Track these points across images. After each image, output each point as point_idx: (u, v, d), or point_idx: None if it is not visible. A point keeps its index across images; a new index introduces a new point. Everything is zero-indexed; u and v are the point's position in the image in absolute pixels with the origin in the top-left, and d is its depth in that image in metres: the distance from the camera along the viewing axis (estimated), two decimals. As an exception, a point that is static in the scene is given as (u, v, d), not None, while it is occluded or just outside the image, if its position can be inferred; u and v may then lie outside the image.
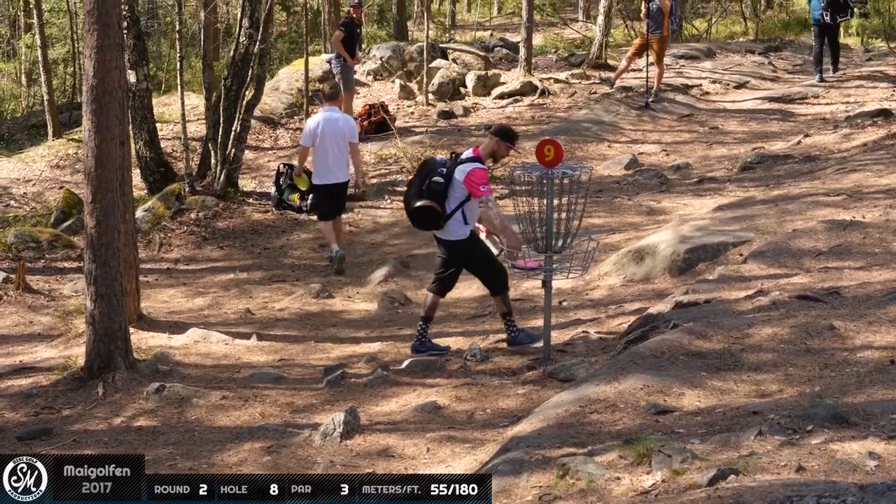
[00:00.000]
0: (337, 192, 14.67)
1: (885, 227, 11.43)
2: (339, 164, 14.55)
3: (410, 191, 10.33)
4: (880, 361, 7.71)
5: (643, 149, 18.93)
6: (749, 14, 34.56)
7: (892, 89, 21.72)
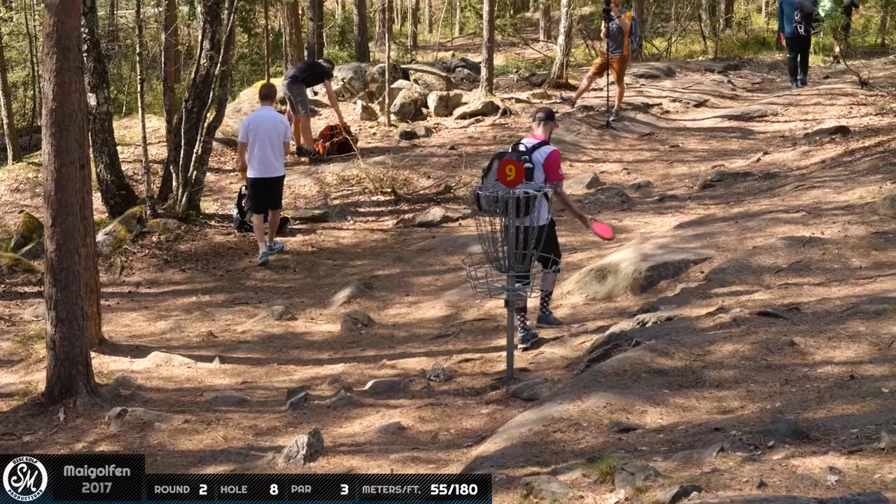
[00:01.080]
0: (267, 185, 15.39)
1: (843, 244, 11.52)
2: (270, 159, 15.35)
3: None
4: (840, 377, 7.76)
5: (605, 168, 19.00)
6: (708, 33, 34.75)
7: (850, 106, 21.88)
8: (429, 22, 46.97)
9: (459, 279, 13.40)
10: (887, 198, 12.53)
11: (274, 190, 15.64)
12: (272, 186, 15.54)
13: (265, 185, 15.44)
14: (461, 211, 16.87)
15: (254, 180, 15.48)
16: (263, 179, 15.41)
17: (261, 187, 15.45)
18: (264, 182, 15.42)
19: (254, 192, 15.60)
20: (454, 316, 12.58)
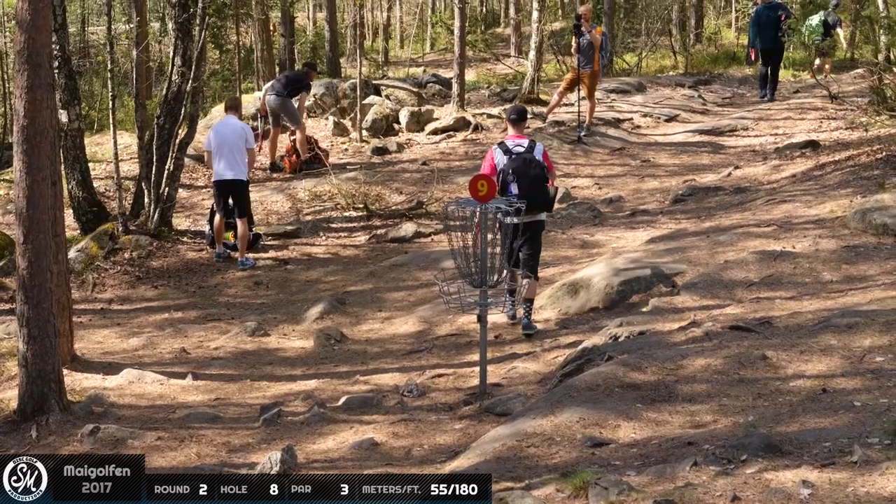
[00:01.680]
0: (229, 188, 16.02)
1: (814, 257, 11.58)
2: (231, 164, 15.86)
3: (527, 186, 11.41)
4: (812, 390, 7.79)
5: (576, 182, 19.03)
6: (678, 48, 34.90)
7: (820, 121, 21.99)
8: (400, 38, 47.01)
9: (432, 294, 13.41)
10: (857, 212, 12.60)
11: (237, 194, 16.06)
12: (234, 190, 16.01)
13: (227, 188, 15.97)
14: (433, 226, 16.88)
15: (217, 182, 16.15)
16: (225, 181, 15.98)
17: (224, 189, 16.04)
18: (226, 184, 15.94)
19: (217, 194, 16.23)
20: (427, 331, 12.58)
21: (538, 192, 11.45)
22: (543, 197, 11.54)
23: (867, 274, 11.02)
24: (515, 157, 11.57)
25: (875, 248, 11.73)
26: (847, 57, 32.01)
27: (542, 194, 11.52)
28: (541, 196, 11.47)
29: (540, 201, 11.48)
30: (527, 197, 11.04)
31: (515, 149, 11.67)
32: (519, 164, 11.54)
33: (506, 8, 47.75)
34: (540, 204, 11.53)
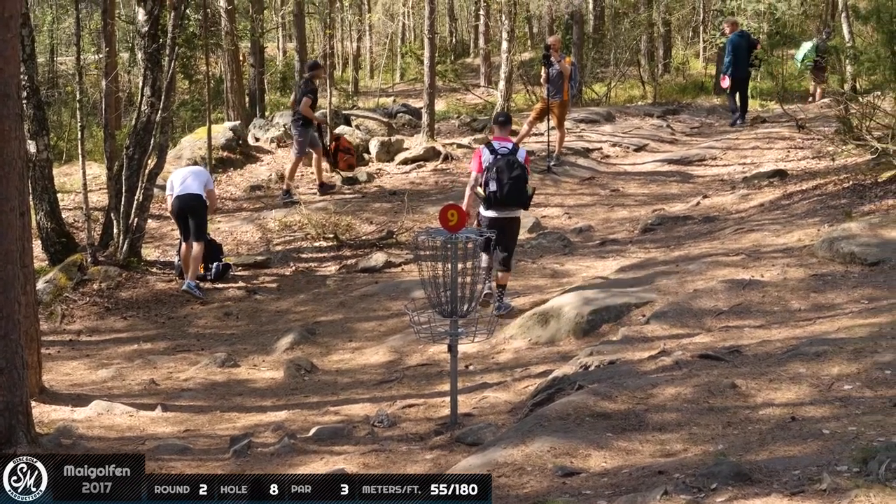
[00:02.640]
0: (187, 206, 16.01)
1: (783, 286, 11.64)
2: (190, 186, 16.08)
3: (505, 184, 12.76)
4: (781, 418, 7.82)
5: (546, 212, 19.07)
6: (647, 78, 35.08)
7: (787, 150, 22.12)
8: (370, 68, 47.09)
9: (402, 324, 13.40)
10: (825, 240, 12.67)
11: (195, 212, 16.03)
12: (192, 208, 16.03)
13: (186, 204, 16.02)
14: (404, 256, 16.88)
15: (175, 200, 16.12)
16: (182, 197, 16.00)
17: (181, 208, 16.06)
18: (184, 200, 16.00)
19: (175, 216, 16.34)
20: (397, 361, 12.57)
21: (517, 190, 12.74)
22: (522, 196, 12.80)
23: (835, 302, 11.08)
24: (500, 157, 12.82)
25: (843, 277, 11.79)
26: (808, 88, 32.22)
27: (521, 193, 12.78)
28: (519, 195, 12.77)
29: (518, 200, 12.81)
30: (507, 194, 12.68)
31: (501, 149, 12.92)
32: (502, 164, 12.76)
33: (475, 38, 47.93)
34: (518, 202, 12.85)
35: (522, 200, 12.95)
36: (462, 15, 53.75)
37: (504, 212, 12.86)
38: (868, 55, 16.90)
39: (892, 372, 8.37)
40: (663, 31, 38.87)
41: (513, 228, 13.19)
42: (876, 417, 7.46)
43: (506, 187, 12.73)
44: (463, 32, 54.08)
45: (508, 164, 12.78)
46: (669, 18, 39.32)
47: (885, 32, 16.01)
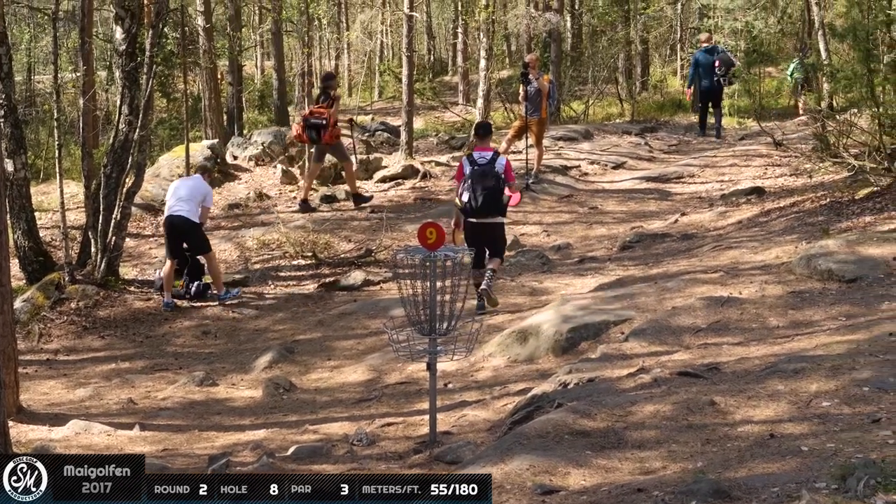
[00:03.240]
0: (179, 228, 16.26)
1: (761, 303, 11.66)
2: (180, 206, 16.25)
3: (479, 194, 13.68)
4: (760, 435, 7.82)
5: (525, 230, 19.09)
6: (625, 96, 35.19)
7: (765, 167, 22.20)
8: (348, 86, 47.07)
9: (381, 343, 13.39)
10: (803, 257, 12.71)
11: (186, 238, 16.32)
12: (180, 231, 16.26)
13: (171, 227, 16.35)
14: (382, 274, 16.88)
15: (166, 219, 16.51)
16: (170, 217, 16.30)
17: (173, 228, 16.32)
18: (176, 221, 16.23)
19: (166, 234, 16.63)
20: (376, 380, 12.56)
21: (491, 199, 13.65)
22: (496, 205, 13.70)
23: (813, 319, 11.11)
24: (476, 168, 13.71)
25: (820, 294, 11.82)
26: (791, 104, 32.37)
27: (495, 202, 13.68)
28: (494, 203, 13.68)
29: (493, 208, 13.71)
30: (480, 204, 13.61)
31: (480, 160, 13.82)
32: (476, 175, 13.69)
33: (453, 56, 48.04)
34: (493, 210, 13.76)
35: (497, 209, 13.78)
36: (440, 33, 53.87)
37: (482, 218, 13.78)
38: (845, 73, 16.97)
39: (871, 389, 8.39)
40: (641, 49, 39.00)
41: (494, 233, 14.00)
42: (854, 434, 7.48)
43: (479, 198, 13.64)
44: (441, 50, 54.18)
45: (482, 175, 13.66)
46: (647, 36, 39.46)
47: (862, 50, 16.08)
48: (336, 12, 45.40)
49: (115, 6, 16.96)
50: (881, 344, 9.57)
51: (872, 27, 16.28)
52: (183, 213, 16.06)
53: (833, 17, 31.24)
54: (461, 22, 36.30)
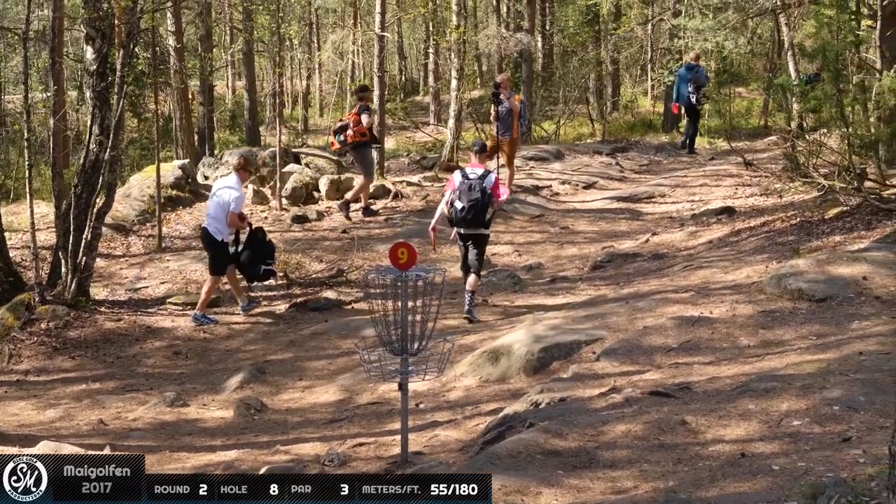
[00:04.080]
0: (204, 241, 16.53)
1: (732, 323, 11.70)
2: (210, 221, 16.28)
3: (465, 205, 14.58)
4: (731, 455, 7.85)
5: (496, 249, 19.11)
6: (596, 116, 35.31)
7: (735, 187, 22.28)
8: (319, 106, 47.10)
9: (353, 363, 13.37)
10: (773, 277, 12.76)
11: (207, 249, 16.56)
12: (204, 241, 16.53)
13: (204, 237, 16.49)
14: (354, 294, 16.86)
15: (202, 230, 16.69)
16: (203, 228, 16.47)
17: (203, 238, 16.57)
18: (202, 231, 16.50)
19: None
20: (348, 400, 12.53)
21: (476, 212, 14.52)
22: (479, 216, 14.56)
23: (784, 339, 11.15)
24: (466, 182, 14.58)
25: (791, 313, 11.87)
26: (761, 124, 32.53)
27: (479, 214, 14.54)
28: (478, 216, 14.55)
29: (475, 219, 14.57)
30: (464, 214, 14.53)
31: (471, 175, 14.65)
32: (465, 187, 14.55)
33: (425, 76, 48.14)
34: (475, 222, 14.60)
35: (480, 220, 14.62)
36: (412, 53, 53.98)
37: (467, 229, 14.74)
38: (814, 93, 17.06)
39: (841, 408, 8.43)
40: (611, 70, 39.18)
41: (478, 243, 14.86)
42: (825, 453, 7.51)
43: (464, 209, 14.54)
44: (412, 71, 54.28)
45: (470, 188, 14.54)
46: (618, 57, 39.64)
47: (831, 70, 16.19)
48: (307, 32, 45.47)
49: (86, 26, 16.92)
50: (851, 363, 9.62)
51: (842, 48, 16.39)
52: (208, 227, 16.28)
53: (802, 37, 31.37)
54: (432, 42, 36.46)
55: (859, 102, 16.62)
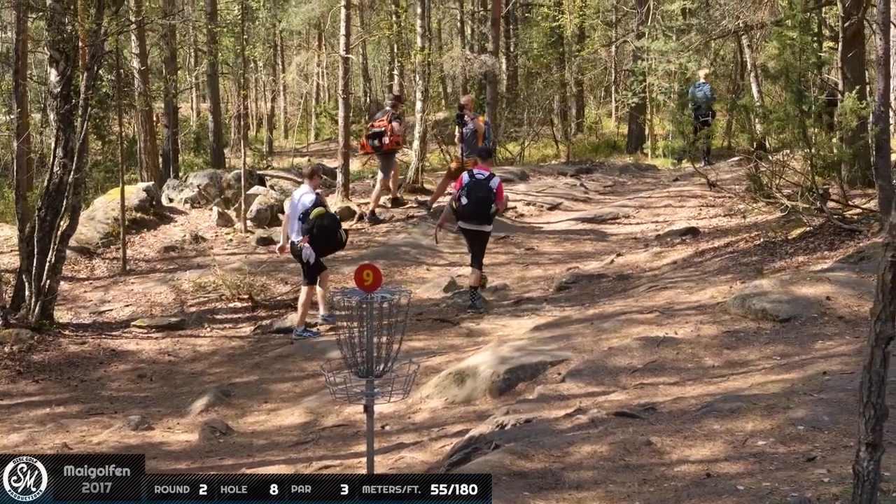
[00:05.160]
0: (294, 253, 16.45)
1: (696, 343, 11.74)
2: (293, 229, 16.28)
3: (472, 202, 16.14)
4: (696, 475, 7.87)
5: (461, 271, 19.09)
6: (560, 137, 35.41)
7: (699, 208, 22.38)
8: (284, 128, 47.09)
9: (318, 385, 13.35)
10: (737, 297, 12.81)
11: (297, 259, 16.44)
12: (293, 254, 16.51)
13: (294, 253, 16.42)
14: (319, 317, 16.83)
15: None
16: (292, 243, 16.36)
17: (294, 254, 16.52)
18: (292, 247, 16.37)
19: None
20: (313, 422, 12.51)
21: (481, 209, 16.08)
22: (484, 212, 16.11)
23: (748, 359, 11.19)
24: (473, 181, 16.14)
25: (755, 333, 11.92)
26: (724, 145, 32.70)
27: (484, 211, 16.10)
28: (483, 212, 16.11)
29: (482, 216, 16.15)
30: (472, 210, 16.08)
31: (478, 175, 16.23)
32: (472, 186, 16.11)
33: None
34: (482, 218, 16.18)
35: (484, 215, 16.17)
36: (376, 75, 53.97)
37: (471, 224, 16.29)
38: (777, 114, 17.15)
39: (805, 427, 8.47)
40: (576, 91, 39.33)
41: (479, 238, 16.46)
42: (790, 473, 7.54)
43: (471, 204, 16.04)
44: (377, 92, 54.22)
45: (476, 186, 16.09)
46: (582, 78, 39.80)
47: (794, 91, 16.29)
48: (272, 54, 45.47)
49: (50, 48, 16.89)
50: (815, 383, 9.66)
51: (804, 69, 16.49)
52: (291, 237, 16.31)
53: (765, 59, 31.60)
54: (397, 64, 36.38)
55: (822, 123, 16.73)
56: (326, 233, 15.85)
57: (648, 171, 29.17)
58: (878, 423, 5.91)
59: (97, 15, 16.69)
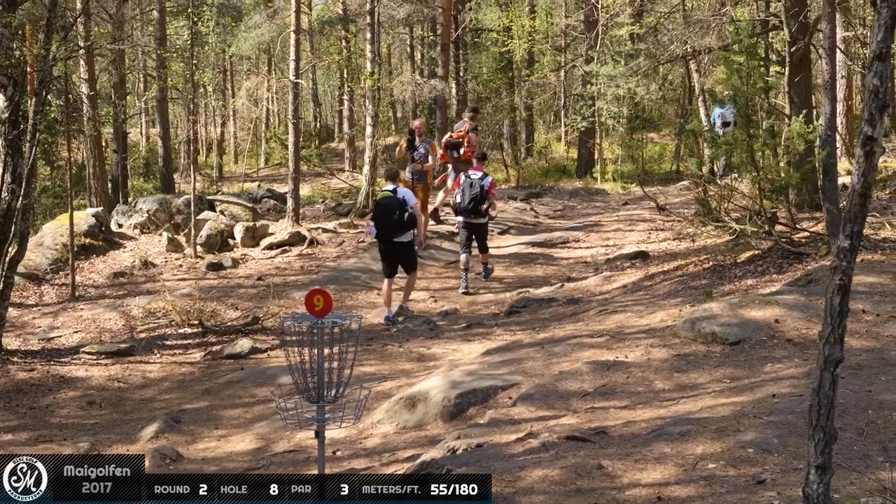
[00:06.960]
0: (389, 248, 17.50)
1: (647, 366, 11.78)
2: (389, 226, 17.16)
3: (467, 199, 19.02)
4: (648, 499, 7.89)
5: (412, 296, 19.11)
6: (510, 161, 35.51)
7: (649, 232, 22.50)
8: (234, 153, 47.00)
9: (269, 411, 13.30)
10: (687, 321, 12.86)
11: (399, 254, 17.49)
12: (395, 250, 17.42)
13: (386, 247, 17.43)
14: (270, 342, 16.79)
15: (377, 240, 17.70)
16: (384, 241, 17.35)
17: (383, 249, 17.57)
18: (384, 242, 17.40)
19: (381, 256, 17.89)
20: (264, 448, 12.45)
21: (474, 204, 18.92)
22: (477, 208, 18.94)
23: (698, 382, 11.24)
24: (468, 181, 18.94)
25: (705, 357, 11.98)
26: (673, 169, 32.91)
27: (476, 206, 18.93)
28: (476, 208, 18.94)
29: (474, 210, 18.95)
30: (465, 206, 18.93)
31: (473, 176, 18.96)
32: (466, 184, 18.94)
33: (340, 123, 48.19)
34: (476, 213, 18.99)
35: (478, 210, 18.96)
36: (326, 100, 54.04)
37: (468, 218, 19.15)
38: (725, 138, 17.30)
39: (755, 450, 8.51)
40: (525, 116, 39.49)
41: (479, 230, 19.37)
42: (740, 496, 7.57)
43: (465, 200, 18.92)
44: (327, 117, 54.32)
45: (471, 185, 18.90)
46: (531, 103, 39.96)
47: (742, 116, 16.44)
48: (221, 79, 45.38)
49: (-2, 73, 16.80)
50: (765, 406, 9.71)
51: (752, 94, 16.63)
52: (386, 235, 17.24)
53: (713, 83, 31.86)
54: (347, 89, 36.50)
55: (769, 147, 16.86)
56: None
57: (598, 195, 29.33)
58: (827, 445, 5.96)
59: (46, 40, 16.62)
